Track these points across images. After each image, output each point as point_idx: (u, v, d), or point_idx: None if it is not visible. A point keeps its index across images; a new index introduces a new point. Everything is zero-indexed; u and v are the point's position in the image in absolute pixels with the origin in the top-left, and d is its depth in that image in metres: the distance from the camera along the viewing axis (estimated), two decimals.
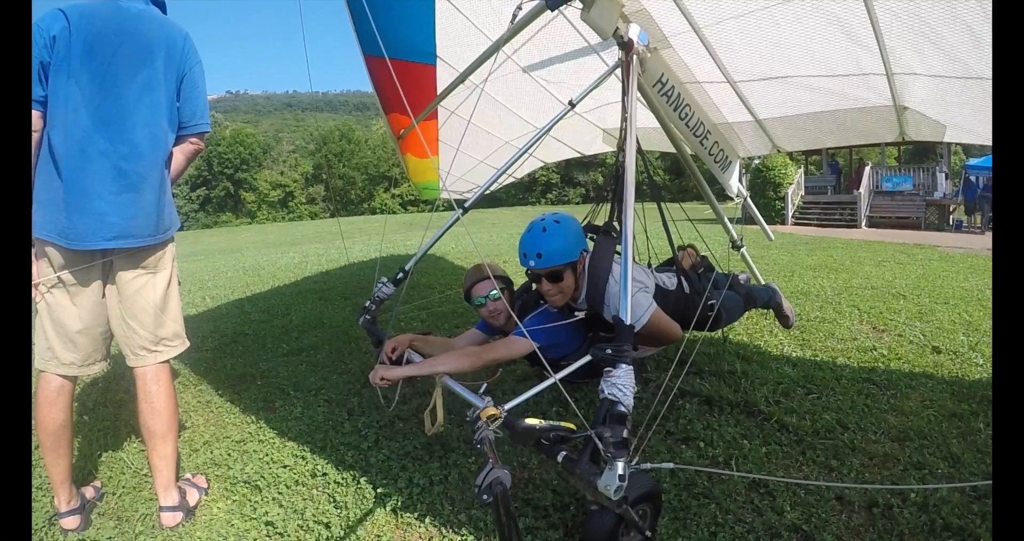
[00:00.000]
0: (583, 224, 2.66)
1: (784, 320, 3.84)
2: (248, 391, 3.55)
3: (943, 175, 17.04)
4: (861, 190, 16.95)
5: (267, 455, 2.66)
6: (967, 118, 2.74)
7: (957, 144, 19.78)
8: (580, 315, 2.47)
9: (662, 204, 2.92)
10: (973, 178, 15.66)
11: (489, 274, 2.51)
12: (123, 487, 2.45)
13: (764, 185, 17.92)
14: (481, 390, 1.99)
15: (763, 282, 4.26)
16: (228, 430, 2.98)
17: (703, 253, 3.29)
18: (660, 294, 2.57)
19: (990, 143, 2.75)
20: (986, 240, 11.95)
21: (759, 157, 17.98)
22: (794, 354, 3.81)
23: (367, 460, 2.58)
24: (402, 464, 2.52)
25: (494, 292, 2.60)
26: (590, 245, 2.54)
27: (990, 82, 2.28)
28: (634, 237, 2.36)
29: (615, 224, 2.64)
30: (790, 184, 17.87)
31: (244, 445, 2.79)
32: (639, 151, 2.39)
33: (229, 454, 2.70)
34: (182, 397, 3.46)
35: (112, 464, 2.66)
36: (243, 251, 15.95)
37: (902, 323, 4.51)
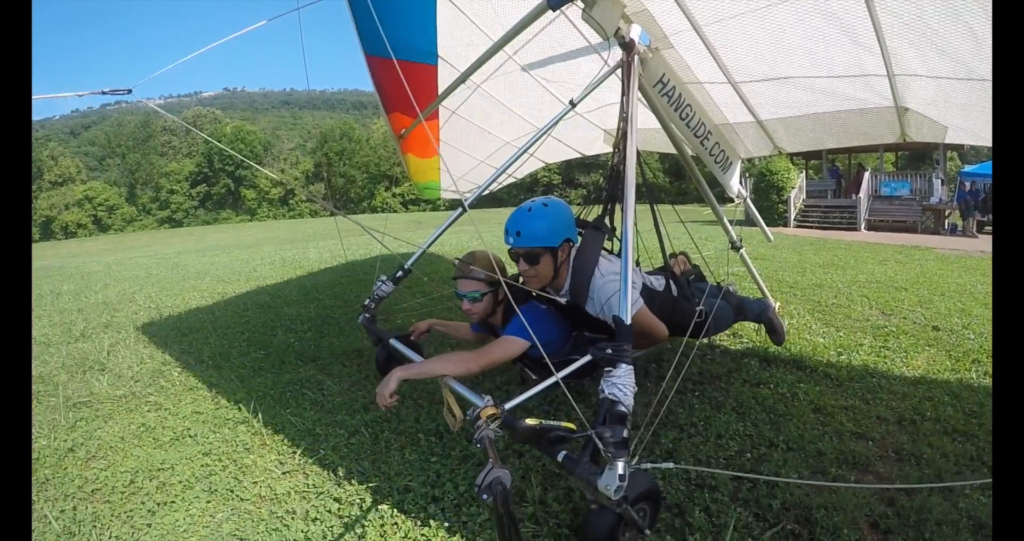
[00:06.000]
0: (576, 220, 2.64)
1: (774, 335, 3.71)
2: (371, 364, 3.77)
3: (939, 181, 17.21)
4: (861, 195, 17.10)
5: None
6: (969, 119, 2.74)
7: (953, 150, 19.85)
8: (561, 300, 2.46)
9: (655, 208, 2.91)
10: (967, 184, 16.07)
11: (476, 274, 2.51)
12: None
13: (767, 189, 18.09)
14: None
15: (762, 284, 4.27)
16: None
17: (697, 261, 3.29)
18: (647, 294, 2.55)
19: (991, 144, 2.75)
20: (978, 243, 12.51)
21: (760, 159, 18.04)
22: (821, 329, 4.51)
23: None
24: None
25: (472, 293, 2.57)
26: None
27: (991, 83, 2.28)
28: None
29: (606, 221, 2.64)
30: (792, 188, 18.01)
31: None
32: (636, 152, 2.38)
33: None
34: (302, 371, 3.83)
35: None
36: (260, 246, 16.16)
37: (906, 309, 5.19)
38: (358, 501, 2.24)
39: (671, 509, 2.09)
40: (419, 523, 2.07)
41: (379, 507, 2.18)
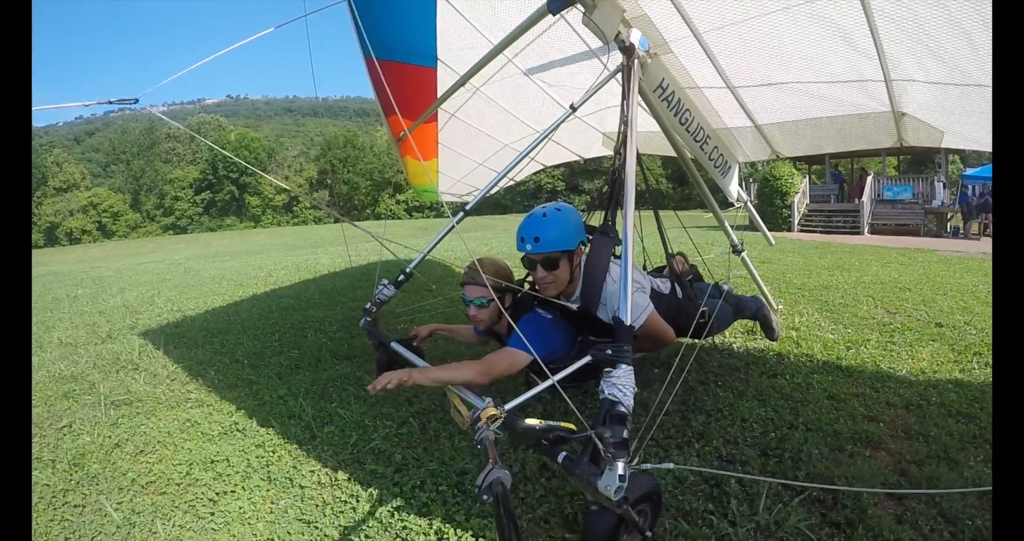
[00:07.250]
0: None
1: (770, 332, 3.82)
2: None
3: (941, 184, 17.26)
4: (864, 199, 17.13)
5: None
6: (964, 124, 2.75)
7: (955, 154, 19.90)
8: (572, 307, 2.45)
9: (658, 210, 2.93)
10: (969, 189, 16.22)
11: (484, 280, 2.41)
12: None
13: (772, 194, 18.13)
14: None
15: (763, 286, 4.27)
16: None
17: (695, 262, 3.30)
18: (655, 297, 2.57)
19: (987, 149, 2.76)
20: (980, 245, 12.57)
21: (763, 165, 18.08)
22: (829, 327, 4.64)
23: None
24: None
25: (479, 300, 2.56)
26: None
27: (988, 89, 2.29)
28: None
29: (610, 226, 2.65)
30: (796, 193, 18.04)
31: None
32: (636, 156, 2.39)
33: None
34: (339, 368, 3.89)
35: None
36: (268, 252, 16.23)
37: (910, 307, 5.35)
38: (418, 484, 2.30)
39: (708, 481, 2.26)
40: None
41: (440, 488, 2.25)
